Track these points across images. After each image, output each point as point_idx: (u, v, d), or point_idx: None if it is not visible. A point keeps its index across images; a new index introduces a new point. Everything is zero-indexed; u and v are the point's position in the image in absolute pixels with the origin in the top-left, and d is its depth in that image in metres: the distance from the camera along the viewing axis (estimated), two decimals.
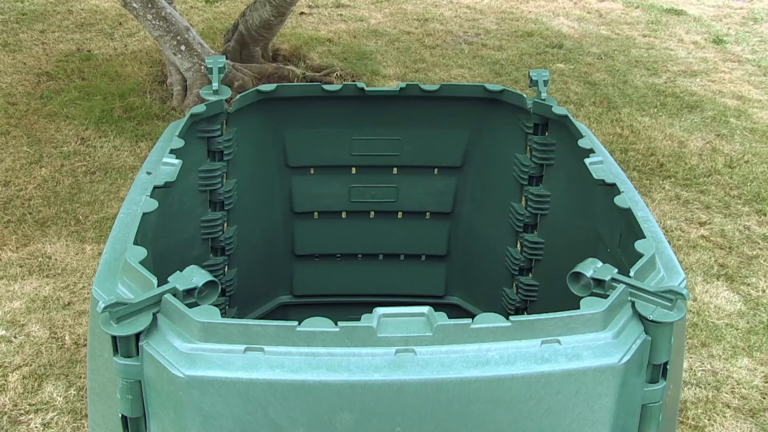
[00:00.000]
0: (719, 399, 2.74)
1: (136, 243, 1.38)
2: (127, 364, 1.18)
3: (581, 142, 1.85)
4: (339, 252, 2.44)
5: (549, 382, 1.17)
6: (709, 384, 2.81)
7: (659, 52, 6.22)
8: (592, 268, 1.31)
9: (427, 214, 2.41)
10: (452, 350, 1.17)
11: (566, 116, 1.98)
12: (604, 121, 4.89)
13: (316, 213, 2.38)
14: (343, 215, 2.38)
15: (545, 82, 2.08)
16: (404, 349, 1.16)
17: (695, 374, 2.85)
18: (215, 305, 1.23)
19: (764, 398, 2.77)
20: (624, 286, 1.25)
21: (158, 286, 1.24)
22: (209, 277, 1.27)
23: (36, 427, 2.54)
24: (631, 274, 1.31)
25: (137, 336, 1.17)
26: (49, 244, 3.49)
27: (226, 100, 2.00)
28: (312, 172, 2.31)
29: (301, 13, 6.66)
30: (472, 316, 1.20)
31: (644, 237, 1.44)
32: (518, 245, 2.26)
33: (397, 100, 2.19)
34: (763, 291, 3.35)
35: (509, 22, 6.75)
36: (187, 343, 1.16)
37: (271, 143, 2.23)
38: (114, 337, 1.17)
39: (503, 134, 2.21)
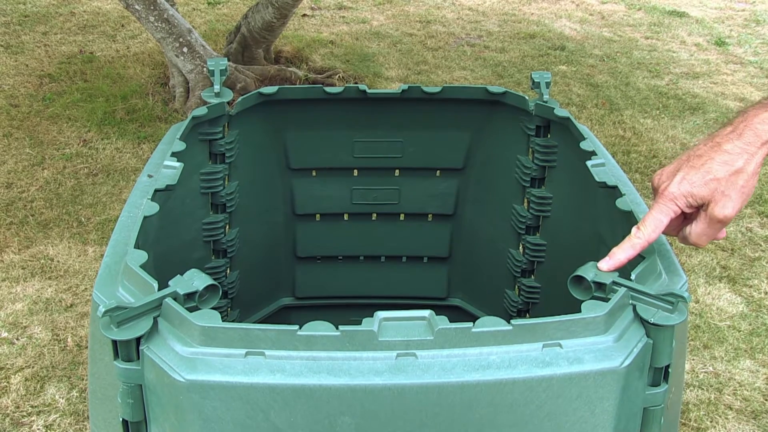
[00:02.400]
0: (721, 401, 2.74)
1: (137, 246, 1.38)
2: (127, 368, 1.18)
3: (583, 144, 1.84)
4: (341, 254, 2.44)
5: (550, 386, 1.17)
6: (711, 386, 2.81)
7: (661, 54, 6.22)
8: (593, 271, 1.30)
9: (429, 216, 2.41)
10: (453, 354, 1.16)
11: (568, 118, 1.98)
12: (606, 123, 4.89)
13: (317, 215, 2.38)
14: (345, 217, 2.38)
15: (547, 84, 2.07)
16: (405, 352, 1.16)
17: (697, 376, 2.85)
18: (217, 308, 1.23)
19: (767, 400, 2.76)
20: (625, 289, 1.25)
21: (159, 289, 1.23)
22: (210, 281, 1.26)
23: (38, 429, 2.55)
24: (633, 277, 1.30)
25: (138, 340, 1.17)
26: (52, 246, 3.49)
27: (228, 103, 1.99)
28: (313, 174, 2.31)
29: (303, 15, 6.67)
30: (474, 318, 1.19)
31: None
32: (520, 247, 2.26)
33: (399, 102, 2.18)
34: (766, 293, 3.35)
35: (511, 24, 6.75)
36: (187, 347, 1.16)
37: (273, 145, 2.22)
38: (114, 341, 1.17)
39: (505, 136, 2.21)
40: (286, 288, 2.47)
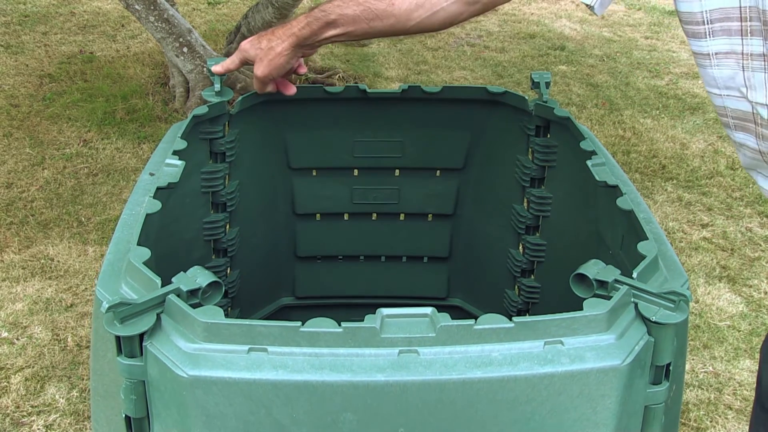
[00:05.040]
0: (721, 401, 2.74)
1: (139, 244, 1.38)
2: (130, 364, 1.18)
3: (583, 144, 1.85)
4: (341, 254, 2.44)
5: (552, 383, 1.17)
6: (711, 386, 2.81)
7: (661, 54, 6.22)
8: (595, 269, 1.30)
9: (429, 215, 2.41)
10: (455, 351, 1.17)
11: (568, 118, 1.98)
12: (606, 123, 4.89)
13: (317, 215, 2.38)
14: (345, 217, 2.38)
15: (547, 84, 2.08)
16: (407, 349, 1.16)
17: (697, 376, 2.85)
18: (218, 306, 1.23)
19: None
20: (627, 287, 1.25)
21: (162, 286, 1.24)
22: (213, 278, 1.27)
23: (38, 428, 2.55)
24: (634, 275, 1.31)
25: (141, 336, 1.18)
26: (52, 246, 3.49)
27: (228, 102, 2.00)
28: (314, 173, 2.31)
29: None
30: (474, 317, 1.19)
31: (647, 239, 1.44)
32: (520, 247, 2.26)
33: (399, 102, 2.19)
34: (765, 293, 3.35)
35: (511, 24, 6.76)
36: (190, 344, 1.16)
37: (273, 145, 2.23)
38: (118, 338, 1.17)
39: (505, 136, 2.21)
40: (287, 287, 2.47)
